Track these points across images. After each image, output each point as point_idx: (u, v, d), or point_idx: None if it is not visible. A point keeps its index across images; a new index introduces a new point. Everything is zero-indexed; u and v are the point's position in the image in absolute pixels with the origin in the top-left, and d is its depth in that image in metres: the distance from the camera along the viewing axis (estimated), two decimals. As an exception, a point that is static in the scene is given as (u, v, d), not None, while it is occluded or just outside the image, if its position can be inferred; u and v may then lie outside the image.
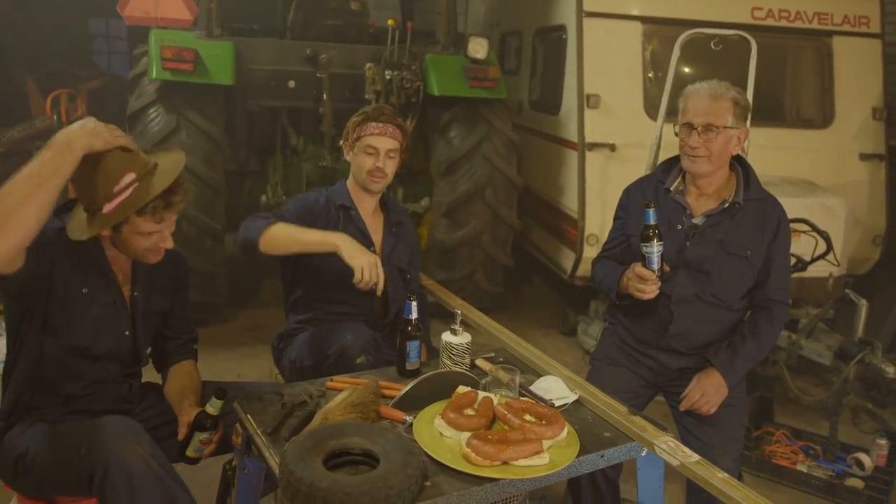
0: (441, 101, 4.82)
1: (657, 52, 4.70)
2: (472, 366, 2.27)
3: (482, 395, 1.97)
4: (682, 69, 4.05)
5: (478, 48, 4.79)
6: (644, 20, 4.72)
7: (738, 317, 2.54)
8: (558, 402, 2.09)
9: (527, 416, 1.86)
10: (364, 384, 1.98)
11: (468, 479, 1.67)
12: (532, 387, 2.16)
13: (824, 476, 3.38)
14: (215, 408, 2.02)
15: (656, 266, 2.29)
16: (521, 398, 2.02)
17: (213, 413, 2.03)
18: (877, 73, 5.03)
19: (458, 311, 2.32)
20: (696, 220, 2.47)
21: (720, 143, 2.35)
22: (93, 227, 1.89)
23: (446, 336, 2.22)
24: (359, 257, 2.26)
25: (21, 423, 1.99)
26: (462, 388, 2.01)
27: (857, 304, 3.81)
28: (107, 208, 1.87)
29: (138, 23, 4.80)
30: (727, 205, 2.44)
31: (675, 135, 2.45)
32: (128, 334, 2.10)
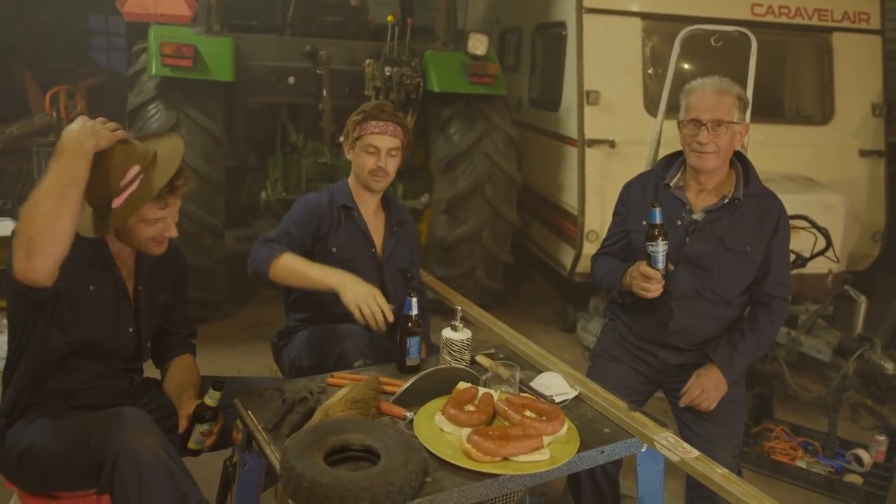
0: (441, 98, 4.82)
1: (657, 48, 4.70)
2: (472, 362, 2.27)
3: (482, 391, 1.97)
4: (682, 66, 4.04)
5: (477, 45, 4.79)
6: (644, 16, 4.72)
7: (738, 313, 2.54)
8: (558, 399, 2.09)
9: (527, 413, 1.87)
10: (364, 380, 1.98)
11: (469, 474, 1.67)
12: (532, 383, 2.17)
13: (823, 472, 3.39)
14: (214, 399, 2.03)
15: (661, 265, 2.29)
16: (522, 394, 2.02)
17: (212, 404, 2.04)
18: (876, 69, 5.03)
19: (459, 308, 2.32)
20: (695, 216, 2.47)
21: (728, 138, 2.36)
22: (108, 223, 1.90)
23: (447, 332, 2.22)
24: (354, 295, 2.22)
25: (23, 419, 1.99)
26: (462, 385, 2.01)
27: (857, 301, 3.81)
28: (116, 203, 1.88)
29: (137, 19, 4.80)
30: (727, 200, 2.44)
31: (681, 131, 2.44)
32: (132, 331, 2.11)
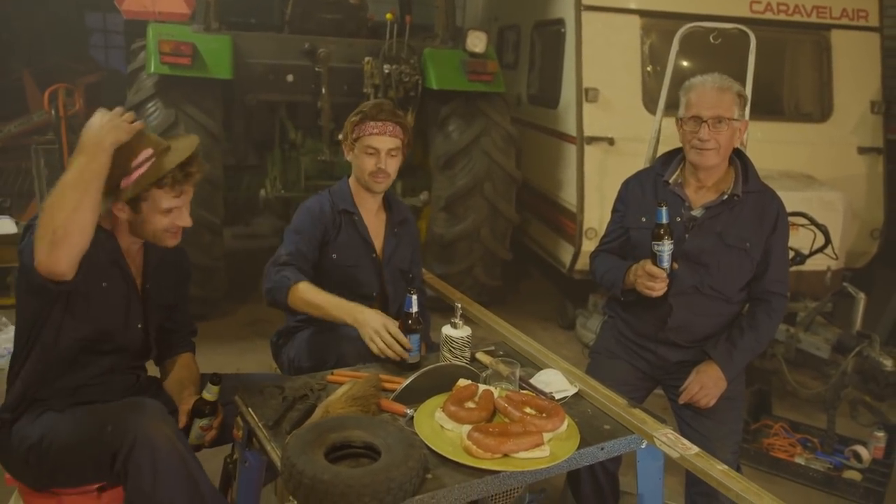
0: (439, 95, 4.82)
1: (656, 45, 4.70)
2: (472, 359, 2.28)
3: (482, 388, 1.97)
4: (680, 63, 4.04)
5: (476, 42, 4.79)
6: (642, 14, 4.71)
7: (737, 309, 2.55)
8: (558, 395, 2.10)
9: (527, 409, 1.87)
10: (365, 377, 1.99)
11: (469, 471, 1.68)
12: (532, 380, 2.17)
13: (822, 468, 3.39)
14: (212, 393, 2.03)
15: (667, 264, 2.29)
16: (522, 391, 2.03)
17: (211, 399, 2.04)
18: (875, 66, 5.04)
19: (458, 305, 2.32)
20: (694, 213, 2.47)
21: (728, 134, 2.37)
22: (107, 201, 1.91)
23: (446, 329, 2.23)
24: (368, 331, 2.20)
25: (28, 413, 1.98)
26: (462, 382, 2.01)
27: (855, 298, 3.82)
28: (125, 183, 1.90)
29: (136, 17, 4.80)
30: (726, 197, 2.44)
31: (681, 127, 2.45)
32: (140, 327, 2.12)
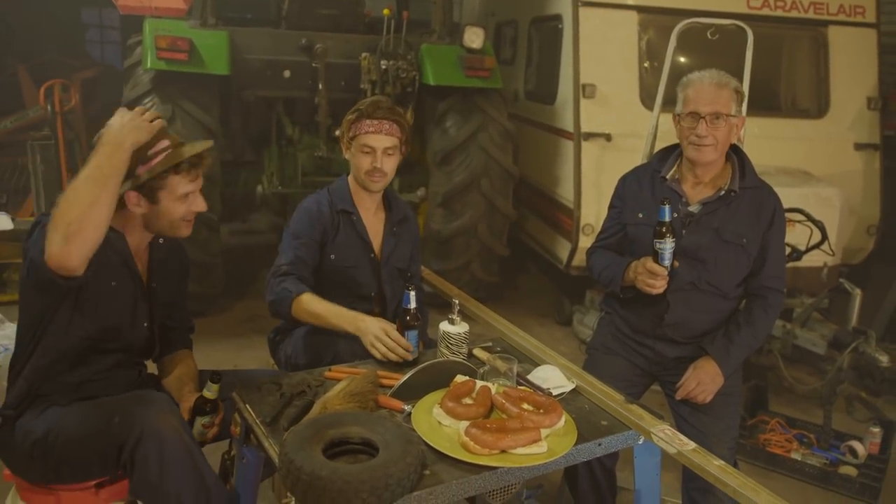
0: (437, 91, 4.82)
1: (653, 41, 4.70)
2: (469, 355, 2.28)
3: (480, 384, 1.98)
4: (678, 59, 4.05)
5: (473, 38, 4.79)
6: (640, 10, 4.71)
7: (734, 305, 2.55)
8: (556, 391, 2.10)
9: (524, 405, 1.87)
10: (362, 374, 1.98)
11: (467, 467, 1.68)
12: (529, 376, 2.17)
13: (818, 464, 3.40)
14: (212, 391, 2.04)
15: (668, 262, 2.30)
16: (519, 387, 2.03)
17: (211, 397, 2.05)
18: (872, 62, 5.04)
19: (456, 301, 2.32)
20: (691, 209, 2.47)
21: (725, 131, 2.37)
22: (124, 186, 1.91)
23: (444, 326, 2.23)
24: (369, 338, 2.20)
25: (32, 409, 1.98)
26: (460, 378, 2.01)
27: (852, 294, 3.83)
28: (141, 170, 1.92)
29: (132, 12, 4.77)
30: (723, 193, 2.44)
31: (678, 123, 2.45)
32: (146, 325, 2.12)
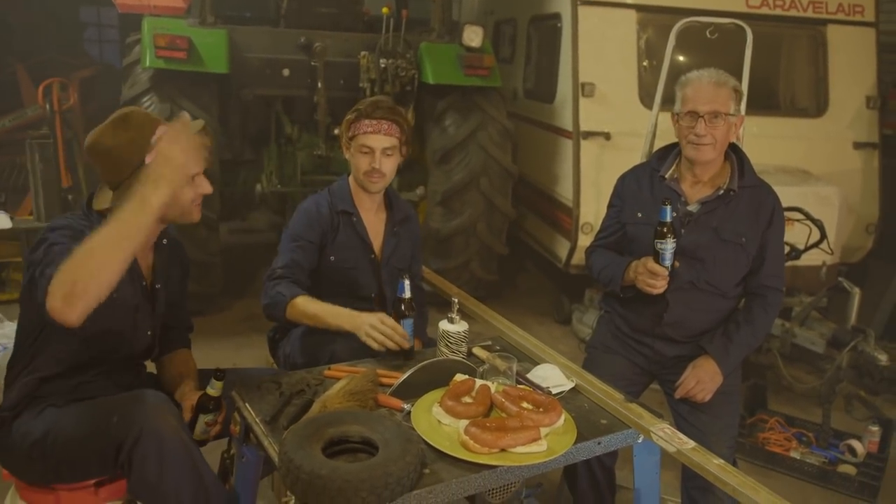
0: (436, 90, 4.82)
1: (652, 40, 4.70)
2: (469, 354, 2.27)
3: (479, 382, 1.97)
4: (677, 58, 4.04)
5: (472, 36, 4.79)
6: (639, 8, 4.71)
7: (733, 304, 2.55)
8: (555, 390, 2.10)
9: (524, 404, 1.88)
10: (362, 372, 1.98)
11: (466, 466, 1.68)
12: (529, 375, 2.17)
13: (817, 463, 3.41)
14: (216, 389, 2.04)
15: (669, 262, 2.30)
16: (519, 386, 2.03)
17: (215, 394, 2.04)
18: (871, 61, 5.05)
19: (455, 300, 2.32)
20: (690, 208, 2.47)
21: (724, 130, 2.37)
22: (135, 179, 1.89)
23: (443, 324, 2.22)
24: (371, 335, 2.17)
25: (29, 410, 1.96)
26: (459, 376, 2.01)
27: (850, 293, 3.83)
28: (149, 158, 1.86)
29: (131, 10, 4.77)
30: (722, 192, 2.44)
31: (677, 122, 2.44)
32: (150, 333, 2.11)
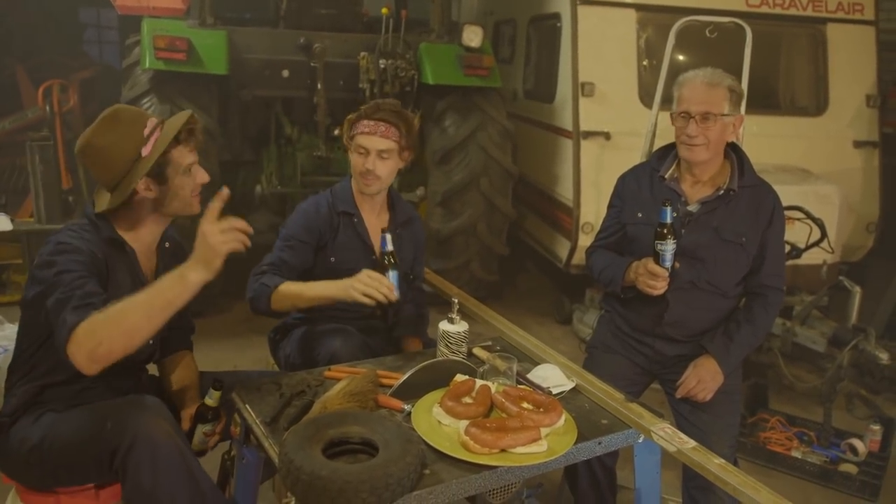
0: (435, 90, 4.82)
1: (652, 39, 4.70)
2: (469, 354, 2.27)
3: (480, 383, 1.97)
4: (676, 57, 4.04)
5: (472, 37, 4.79)
6: (638, 8, 4.71)
7: (734, 304, 2.55)
8: (555, 390, 2.10)
9: (524, 404, 1.87)
10: (362, 373, 1.98)
11: (467, 466, 1.68)
12: (529, 375, 2.17)
13: (818, 462, 3.41)
14: (214, 399, 2.03)
15: (669, 263, 2.30)
16: (519, 386, 2.03)
17: (213, 405, 2.03)
18: (871, 60, 5.04)
19: (455, 300, 2.32)
20: (690, 208, 2.47)
21: (717, 130, 2.36)
22: (139, 171, 1.91)
23: (443, 325, 2.22)
24: (355, 288, 2.18)
25: (27, 415, 1.95)
26: (460, 377, 2.01)
27: (851, 291, 3.83)
28: (145, 151, 1.92)
29: (130, 12, 4.77)
30: (722, 192, 2.44)
31: (672, 123, 2.45)
32: (152, 343, 2.09)
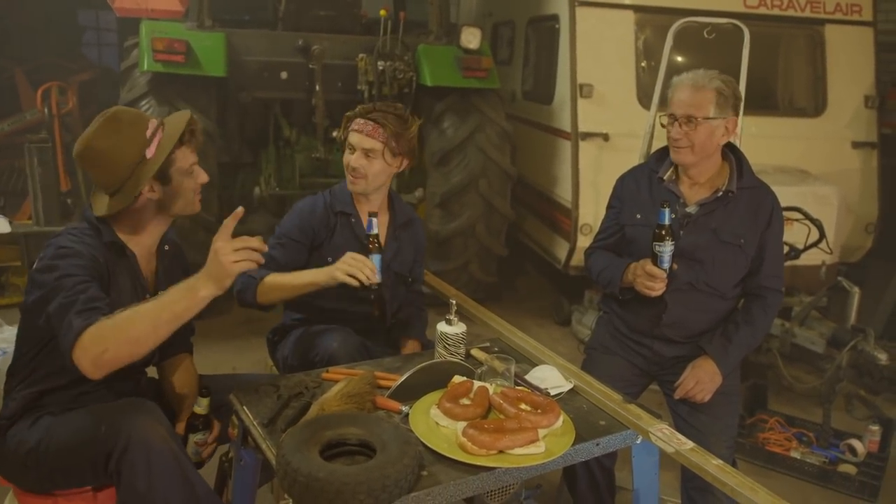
0: (434, 92, 4.82)
1: (650, 41, 4.70)
2: (467, 356, 2.27)
3: (478, 384, 1.97)
4: (675, 58, 4.04)
5: (470, 38, 4.79)
6: (637, 9, 4.71)
7: (732, 305, 2.55)
8: (553, 391, 2.10)
9: (522, 406, 1.87)
10: (360, 375, 1.98)
11: (464, 468, 1.67)
12: (527, 376, 2.17)
13: (817, 462, 3.41)
14: (203, 407, 2.01)
15: (667, 265, 2.30)
16: (517, 387, 2.03)
17: (202, 412, 2.02)
18: (869, 61, 5.05)
19: (454, 301, 2.32)
20: (689, 209, 2.47)
21: (702, 133, 2.35)
22: (145, 173, 1.90)
23: (441, 326, 2.22)
24: (339, 268, 2.19)
25: (24, 418, 1.95)
26: (457, 378, 2.01)
27: (850, 292, 3.83)
28: (149, 153, 1.90)
29: (129, 14, 4.78)
30: (720, 193, 2.44)
31: (662, 126, 2.45)
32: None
